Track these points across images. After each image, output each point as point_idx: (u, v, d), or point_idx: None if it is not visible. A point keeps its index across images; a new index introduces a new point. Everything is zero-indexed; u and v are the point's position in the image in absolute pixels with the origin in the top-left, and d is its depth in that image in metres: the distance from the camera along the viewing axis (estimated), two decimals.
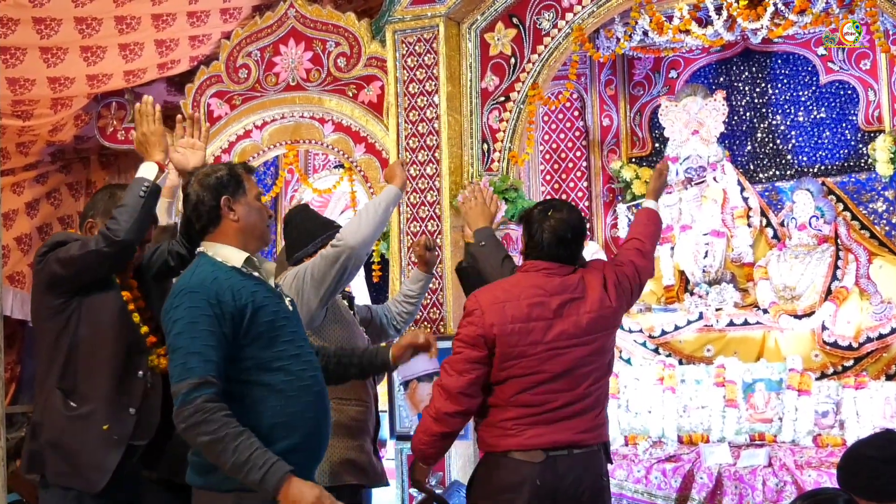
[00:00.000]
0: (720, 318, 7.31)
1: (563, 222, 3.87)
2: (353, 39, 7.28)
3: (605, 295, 3.87)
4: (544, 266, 3.86)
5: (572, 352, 3.75)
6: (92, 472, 3.72)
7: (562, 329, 3.75)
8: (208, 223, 3.37)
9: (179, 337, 3.14)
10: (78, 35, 6.76)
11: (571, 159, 8.66)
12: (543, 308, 3.77)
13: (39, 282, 3.76)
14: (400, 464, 6.64)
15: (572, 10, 6.73)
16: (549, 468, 3.71)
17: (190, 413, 3.05)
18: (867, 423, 6.34)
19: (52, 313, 3.74)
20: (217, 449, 3.05)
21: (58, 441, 3.70)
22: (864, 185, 7.82)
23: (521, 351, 3.73)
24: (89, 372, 3.75)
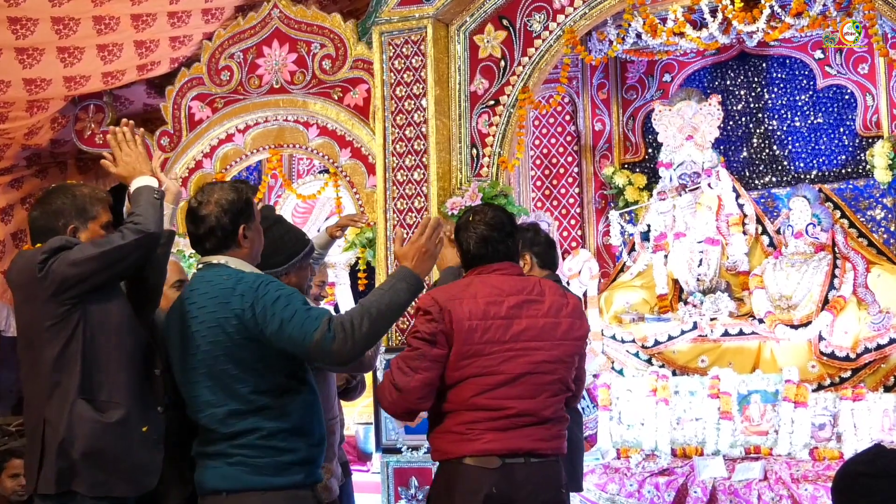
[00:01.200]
0: (715, 327, 7.33)
1: (486, 224, 3.87)
2: (339, 41, 7.28)
3: (563, 301, 3.86)
4: (495, 267, 3.85)
5: (531, 354, 3.72)
6: (140, 475, 3.75)
7: (520, 328, 3.74)
8: (221, 246, 3.52)
9: (287, 307, 3.33)
10: (55, 35, 6.75)
11: (563, 165, 8.68)
12: (500, 306, 3.74)
13: (42, 290, 3.66)
14: (386, 477, 6.63)
15: (564, 12, 6.74)
16: (505, 476, 3.70)
17: (344, 334, 3.30)
18: (865, 435, 6.36)
19: (56, 323, 3.67)
20: (383, 319, 3.41)
21: (96, 451, 3.65)
22: (862, 191, 7.86)
23: (479, 349, 3.70)
24: (112, 377, 3.74)
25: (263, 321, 3.33)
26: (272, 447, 3.39)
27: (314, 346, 3.29)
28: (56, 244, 3.68)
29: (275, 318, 3.31)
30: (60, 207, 3.85)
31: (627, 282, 8.06)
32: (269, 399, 3.40)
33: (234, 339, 3.37)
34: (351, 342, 3.31)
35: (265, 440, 3.38)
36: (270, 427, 3.38)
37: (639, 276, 8.03)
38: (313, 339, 3.28)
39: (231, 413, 3.40)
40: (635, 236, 8.18)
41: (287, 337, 3.31)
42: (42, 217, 3.85)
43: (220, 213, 3.49)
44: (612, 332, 7.38)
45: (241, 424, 3.39)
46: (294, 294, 3.40)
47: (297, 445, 3.43)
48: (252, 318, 3.34)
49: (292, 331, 3.30)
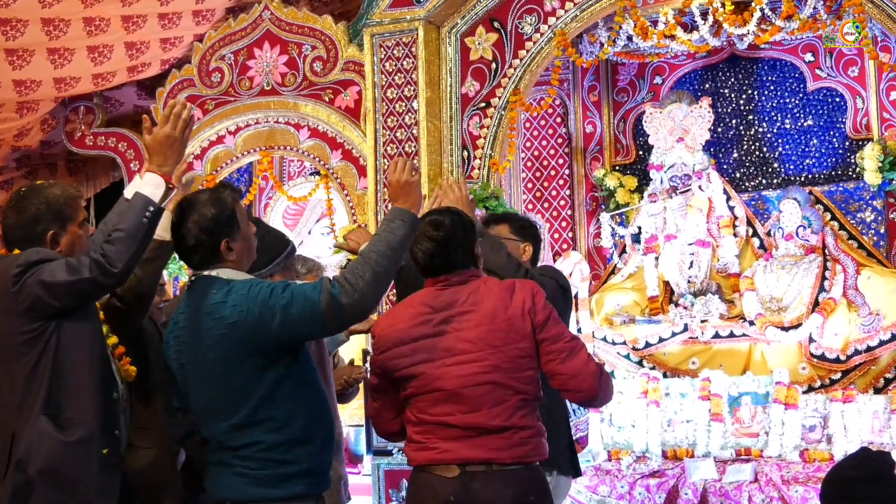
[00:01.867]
0: (705, 329, 7.35)
1: (427, 237, 3.84)
2: (330, 43, 7.29)
3: (503, 304, 3.73)
4: (435, 280, 3.83)
5: (462, 367, 3.70)
6: (97, 498, 3.69)
7: (448, 344, 3.72)
8: (207, 262, 3.46)
9: (282, 294, 3.31)
10: (45, 37, 6.74)
11: (554, 167, 8.69)
12: (428, 325, 3.73)
13: (15, 305, 3.59)
14: (377, 479, 6.64)
15: (555, 15, 6.76)
16: (463, 484, 3.70)
17: (348, 287, 3.29)
18: (855, 437, 6.38)
19: (31, 338, 3.60)
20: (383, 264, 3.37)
21: (54, 470, 3.57)
22: (853, 194, 7.88)
23: (410, 371, 3.70)
24: (77, 396, 3.68)
25: (266, 319, 3.29)
26: (272, 460, 3.36)
27: (326, 310, 3.27)
28: (33, 258, 3.59)
29: (275, 309, 3.28)
30: (36, 214, 3.74)
31: (618, 284, 8.08)
32: (270, 411, 3.37)
33: (233, 353, 3.34)
34: (358, 292, 3.29)
35: (266, 452, 3.36)
36: (271, 440, 3.36)
37: (629, 279, 8.04)
38: (322, 304, 3.27)
39: (233, 427, 3.38)
40: (626, 238, 8.20)
41: (297, 318, 3.29)
42: (19, 226, 3.74)
43: (199, 231, 3.41)
44: (602, 334, 7.39)
45: (243, 438, 3.37)
46: (280, 284, 3.37)
47: (298, 456, 3.40)
48: (251, 323, 3.30)
49: (299, 309, 3.29)
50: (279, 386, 3.38)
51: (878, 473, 3.71)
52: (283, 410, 3.38)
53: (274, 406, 3.37)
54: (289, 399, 3.39)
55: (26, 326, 3.60)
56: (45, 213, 3.74)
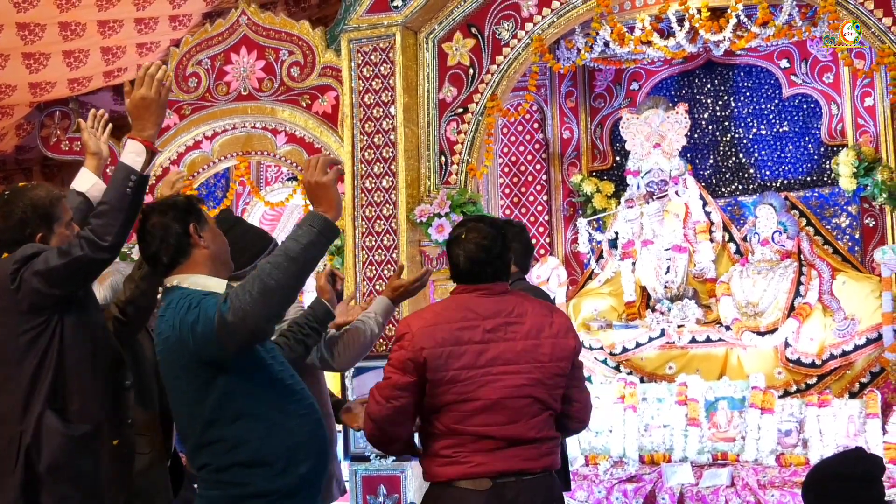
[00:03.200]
0: (682, 334, 7.37)
1: (476, 244, 3.84)
2: (307, 48, 7.28)
3: (546, 321, 3.77)
4: (477, 288, 3.83)
5: (508, 379, 3.67)
6: (108, 490, 3.69)
7: (495, 353, 3.71)
8: (178, 254, 3.29)
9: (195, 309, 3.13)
10: (20, 41, 6.71)
11: (531, 172, 8.70)
12: (475, 331, 3.71)
13: (16, 302, 3.57)
14: (354, 485, 6.62)
15: (532, 21, 6.77)
16: (497, 496, 3.69)
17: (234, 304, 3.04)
18: (831, 441, 6.41)
19: (34, 334, 3.58)
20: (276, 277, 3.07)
21: (62, 464, 3.57)
22: (828, 199, 7.91)
23: (453, 376, 3.68)
24: (83, 389, 3.66)
25: (185, 337, 3.14)
26: (222, 482, 3.26)
27: (218, 328, 3.04)
28: (28, 252, 3.58)
29: (188, 328, 3.11)
30: (23, 217, 3.71)
31: (595, 289, 8.09)
32: (220, 431, 3.24)
33: (172, 371, 3.26)
34: (243, 308, 3.03)
35: (216, 474, 3.25)
36: (220, 462, 3.24)
37: (607, 284, 8.06)
38: (214, 322, 3.04)
39: (192, 447, 3.31)
40: (603, 244, 8.21)
41: (201, 337, 3.09)
42: (7, 230, 3.71)
43: (165, 219, 3.30)
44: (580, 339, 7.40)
45: (199, 459, 3.29)
46: (200, 295, 3.19)
47: (251, 478, 3.25)
48: (175, 340, 3.17)
49: (201, 328, 3.08)
50: (225, 406, 3.22)
51: (869, 475, 3.73)
52: (231, 431, 3.23)
53: (221, 427, 3.23)
54: (238, 419, 3.24)
55: (29, 324, 3.59)
56: (32, 215, 3.72)
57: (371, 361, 6.42)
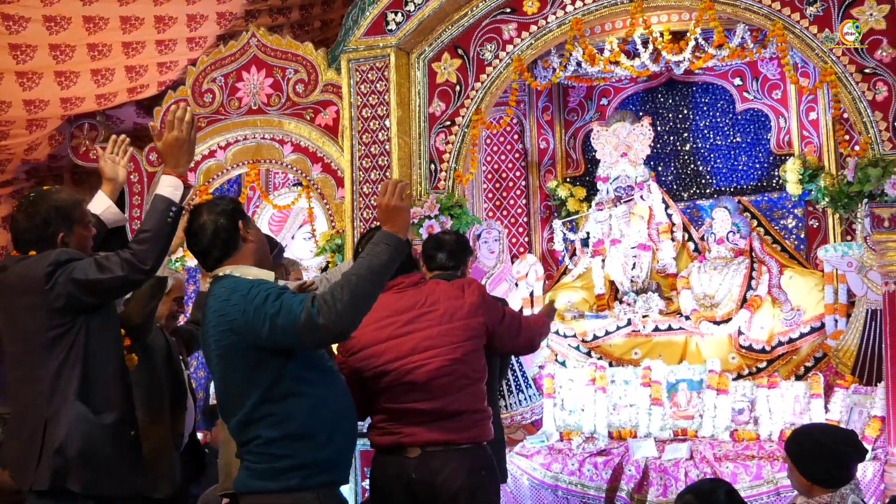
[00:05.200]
0: (646, 324, 7.38)
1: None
2: (311, 67, 7.27)
3: (458, 303, 3.79)
4: (394, 283, 3.81)
5: (429, 363, 3.71)
6: (129, 476, 3.68)
7: (415, 342, 3.73)
8: (230, 248, 3.33)
9: (274, 303, 3.15)
10: (52, 61, 6.70)
11: (511, 179, 8.70)
12: (394, 326, 3.74)
13: (47, 302, 3.55)
14: (356, 460, 6.61)
15: (512, 43, 6.78)
16: (424, 463, 3.71)
17: (325, 308, 3.08)
18: (779, 419, 6.43)
19: (62, 331, 3.56)
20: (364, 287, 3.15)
21: (91, 451, 3.53)
22: (776, 203, 7.93)
23: (382, 370, 3.72)
24: (104, 384, 3.64)
25: (257, 324, 3.15)
26: (269, 454, 3.25)
27: (303, 327, 3.09)
28: (63, 258, 3.56)
29: (266, 317, 3.13)
30: (46, 217, 3.69)
31: (569, 283, 8.10)
32: (270, 407, 3.24)
33: (236, 350, 3.24)
34: (335, 312, 3.08)
35: (264, 447, 3.25)
36: (269, 435, 3.24)
37: (579, 278, 8.07)
38: (300, 320, 3.08)
39: (239, 423, 3.29)
40: (576, 243, 8.22)
41: (280, 329, 3.12)
42: (30, 229, 3.70)
43: (217, 217, 3.34)
44: (555, 327, 7.39)
45: (247, 433, 3.28)
46: (276, 290, 3.22)
47: (295, 451, 3.26)
48: (246, 324, 3.17)
49: (282, 321, 3.11)
50: (277, 384, 3.24)
51: (847, 456, 3.75)
52: (282, 407, 3.24)
53: (272, 403, 3.24)
54: (287, 396, 3.25)
55: (57, 321, 3.56)
56: (55, 216, 3.70)
57: None
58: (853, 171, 5.79)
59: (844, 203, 5.92)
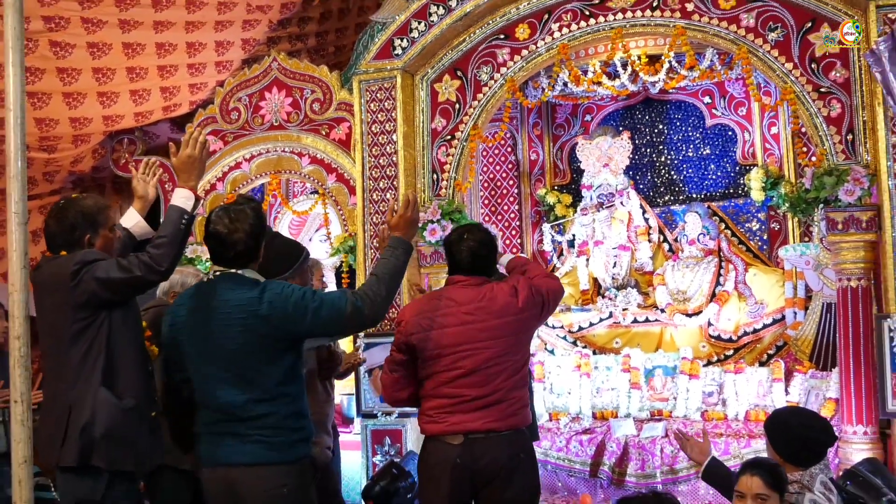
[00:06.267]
0: (626, 316, 7.40)
1: (477, 242, 3.89)
2: (326, 88, 7.29)
3: (512, 301, 3.81)
4: (460, 280, 3.86)
5: (481, 353, 3.73)
6: (148, 454, 3.68)
7: (470, 334, 3.75)
8: (248, 260, 3.43)
9: (312, 299, 3.34)
10: (95, 83, 6.71)
11: (505, 187, 8.72)
12: (455, 316, 3.77)
13: (73, 297, 3.55)
14: (365, 437, 6.63)
15: (506, 65, 6.79)
16: (467, 449, 3.72)
17: (369, 300, 3.35)
18: (744, 401, 6.45)
19: (85, 324, 3.56)
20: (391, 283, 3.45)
21: (115, 432, 3.54)
22: (742, 208, 7.95)
23: (438, 353, 3.74)
24: (126, 371, 3.64)
25: (296, 317, 3.28)
26: (285, 428, 3.32)
27: (350, 317, 3.32)
28: (88, 258, 3.56)
29: (306, 311, 3.28)
30: (74, 222, 3.70)
31: None
32: (286, 388, 3.34)
33: (265, 339, 3.29)
34: (377, 304, 3.35)
35: (281, 421, 3.31)
36: (285, 412, 3.32)
37: (566, 276, 8.08)
38: (347, 311, 3.31)
39: (251, 401, 3.30)
40: (563, 244, 8.24)
41: (324, 319, 3.31)
42: (60, 233, 3.71)
43: (247, 237, 3.38)
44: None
45: (259, 409, 3.30)
46: (309, 290, 3.39)
47: (303, 424, 3.38)
48: (284, 316, 3.27)
49: (327, 313, 3.30)
50: (293, 367, 3.37)
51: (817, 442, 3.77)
52: (293, 388, 3.37)
53: (288, 384, 3.35)
54: (297, 379, 3.39)
55: (81, 315, 3.56)
56: (81, 220, 3.71)
57: (377, 338, 6.44)
58: (810, 180, 5.80)
59: (802, 208, 5.93)
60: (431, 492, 3.80)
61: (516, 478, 3.74)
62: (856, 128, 5.79)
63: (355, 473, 6.58)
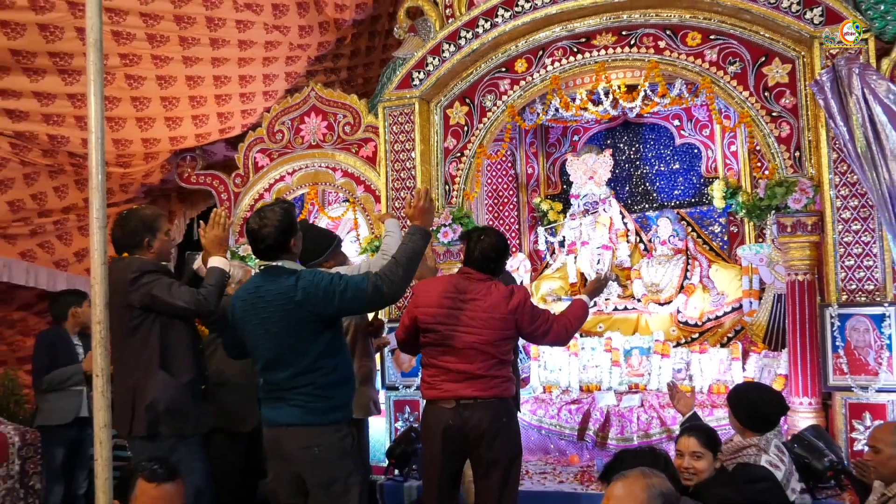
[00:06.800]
0: (608, 305, 7.40)
1: (489, 246, 3.88)
2: (356, 113, 7.30)
3: (502, 304, 3.77)
4: (465, 271, 3.87)
5: (468, 336, 3.74)
6: (201, 420, 3.76)
7: (462, 317, 3.76)
8: (280, 251, 3.42)
9: (339, 283, 3.31)
10: (163, 109, 6.75)
11: (506, 196, 8.73)
12: (452, 300, 3.78)
13: (129, 299, 3.63)
14: (389, 406, 6.64)
15: (507, 94, 6.80)
16: (458, 413, 3.73)
17: (388, 281, 3.31)
18: (708, 376, 6.44)
19: (139, 322, 3.65)
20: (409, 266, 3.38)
21: (175, 405, 3.63)
22: (706, 214, 7.95)
23: (432, 326, 3.77)
24: (179, 354, 3.70)
25: (326, 300, 3.27)
26: (322, 395, 3.33)
27: (371, 297, 3.29)
28: (146, 268, 3.63)
29: (334, 294, 3.28)
30: (135, 228, 3.77)
31: (550, 274, 8.12)
32: (324, 361, 3.35)
33: (303, 321, 3.30)
34: (395, 285, 3.31)
35: (319, 390, 3.33)
36: (322, 381, 3.33)
37: (557, 271, 8.09)
38: (368, 292, 3.28)
39: (294, 374, 3.33)
40: (555, 244, 8.24)
41: (349, 300, 3.29)
42: (123, 237, 3.77)
43: (277, 233, 3.39)
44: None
45: (300, 381, 3.33)
46: (336, 275, 3.36)
47: (339, 393, 3.38)
48: (316, 301, 3.28)
49: (351, 294, 3.28)
50: (330, 344, 3.37)
51: (771, 414, 3.77)
52: (331, 361, 3.37)
53: (325, 358, 3.36)
54: (335, 353, 3.39)
55: (135, 314, 3.65)
56: (141, 227, 3.78)
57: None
58: (764, 190, 5.78)
59: (757, 214, 5.91)
60: (428, 449, 3.84)
61: (499, 440, 3.75)
62: (802, 146, 5.77)
63: (381, 436, 6.59)
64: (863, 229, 5.50)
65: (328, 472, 3.32)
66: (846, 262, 5.51)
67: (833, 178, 5.58)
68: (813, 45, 5.68)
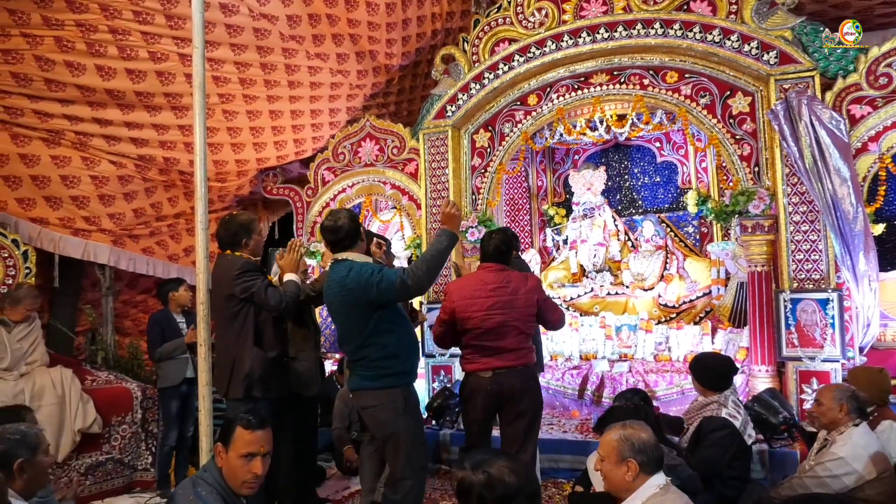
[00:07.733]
0: (602, 290, 7.35)
1: (500, 241, 3.86)
2: (401, 139, 7.32)
3: (523, 283, 3.78)
4: (487, 266, 3.84)
5: (498, 317, 3.72)
6: (283, 385, 3.80)
7: (491, 304, 3.73)
8: (352, 244, 3.40)
9: (377, 275, 3.25)
10: (251, 136, 6.83)
11: (521, 203, 8.70)
12: (483, 291, 3.76)
13: (232, 291, 3.65)
14: (428, 371, 6.67)
15: (521, 122, 6.77)
16: (495, 379, 3.72)
17: (413, 276, 3.22)
18: (683, 348, 6.37)
19: (238, 308, 3.68)
20: (433, 263, 3.26)
21: (266, 374, 3.68)
22: (682, 218, 7.86)
23: (469, 316, 3.73)
24: (268, 333, 3.74)
25: (367, 289, 3.25)
26: (375, 366, 3.32)
27: (399, 289, 3.23)
28: (248, 267, 3.65)
29: (372, 285, 3.25)
30: (236, 230, 3.77)
31: (556, 266, 8.09)
32: (376, 338, 3.32)
33: (354, 305, 3.30)
34: (420, 279, 3.24)
35: (372, 362, 3.32)
36: (375, 355, 3.32)
37: (562, 264, 8.06)
38: (396, 284, 3.22)
39: (355, 347, 3.35)
40: (560, 242, 8.20)
41: (384, 290, 3.24)
42: (226, 237, 3.78)
43: (350, 225, 3.40)
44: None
45: (360, 354, 3.34)
46: (377, 268, 3.32)
47: (391, 364, 3.33)
48: (360, 289, 3.27)
49: (385, 286, 3.23)
50: (378, 325, 3.32)
51: (726, 374, 3.73)
52: (382, 338, 3.34)
53: (376, 335, 3.33)
54: (385, 332, 3.34)
55: (234, 303, 3.68)
56: (240, 229, 3.80)
57: (434, 305, 6.46)
58: (729, 199, 5.70)
59: (724, 217, 5.83)
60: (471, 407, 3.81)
61: (526, 397, 3.75)
62: (760, 162, 5.67)
63: (422, 394, 6.62)
64: (810, 230, 5.41)
65: (385, 427, 3.34)
66: (796, 256, 5.42)
67: (786, 188, 5.49)
68: (769, 82, 5.58)
